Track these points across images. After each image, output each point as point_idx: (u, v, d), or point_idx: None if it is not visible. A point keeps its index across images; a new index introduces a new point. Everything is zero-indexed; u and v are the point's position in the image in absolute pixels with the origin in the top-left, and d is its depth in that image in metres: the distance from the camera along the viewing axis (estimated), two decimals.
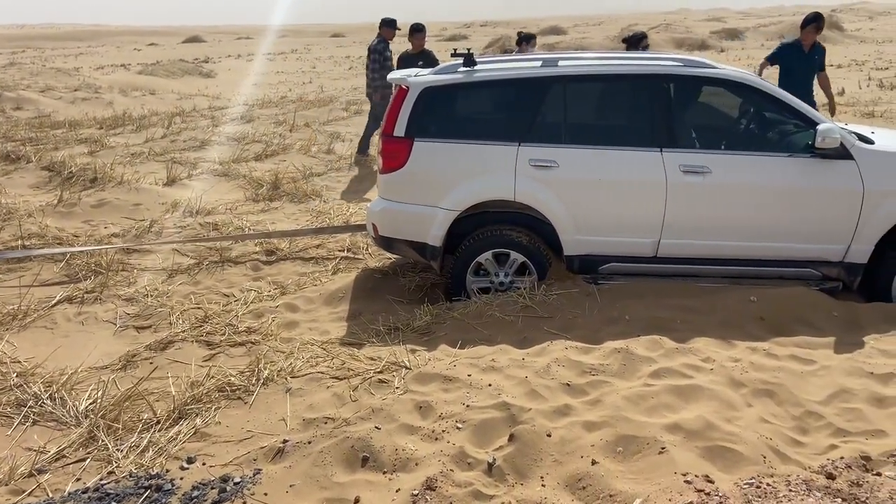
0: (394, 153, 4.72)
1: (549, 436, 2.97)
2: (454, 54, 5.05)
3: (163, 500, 2.79)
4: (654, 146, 4.53)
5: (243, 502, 2.74)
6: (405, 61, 8.20)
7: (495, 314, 4.29)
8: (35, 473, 3.02)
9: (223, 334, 4.44)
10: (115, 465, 3.03)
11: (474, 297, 4.63)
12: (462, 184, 4.64)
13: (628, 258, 4.66)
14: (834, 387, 3.39)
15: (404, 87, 4.76)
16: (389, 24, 9.03)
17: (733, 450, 2.82)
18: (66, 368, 4.00)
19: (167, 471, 2.99)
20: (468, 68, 4.79)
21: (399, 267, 5.59)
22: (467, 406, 3.25)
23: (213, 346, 4.32)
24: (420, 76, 4.84)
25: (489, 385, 3.43)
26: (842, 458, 2.81)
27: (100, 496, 2.83)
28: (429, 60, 7.86)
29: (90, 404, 3.56)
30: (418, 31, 8.68)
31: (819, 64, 7.16)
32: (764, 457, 2.80)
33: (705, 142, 4.69)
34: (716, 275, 4.64)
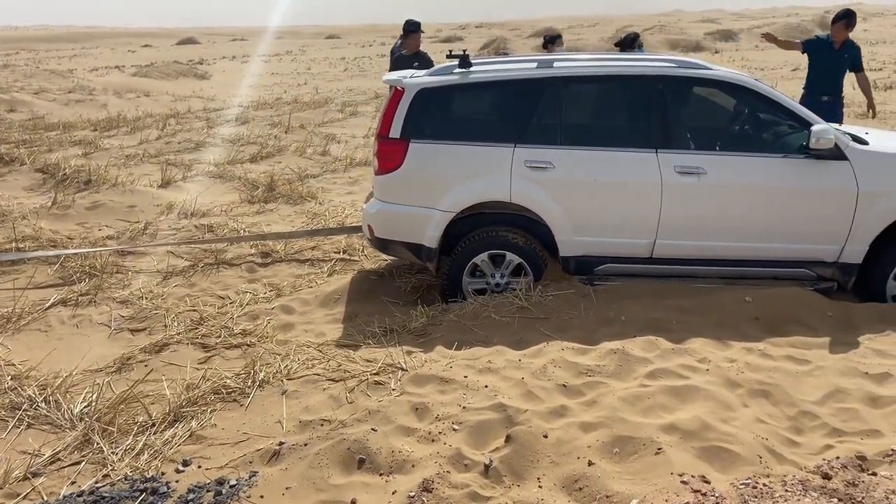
0: (389, 154, 4.72)
1: (546, 437, 2.97)
2: (450, 55, 5.05)
3: None
4: (650, 147, 4.54)
5: None
6: (400, 62, 8.18)
7: (491, 315, 4.29)
8: (30, 477, 3.01)
9: (218, 336, 4.43)
10: (111, 469, 3.02)
11: (470, 299, 4.63)
12: (458, 185, 4.64)
13: (624, 259, 4.67)
14: (829, 387, 3.40)
15: (400, 89, 4.76)
16: (414, 28, 8.92)
17: (729, 450, 2.83)
18: (61, 371, 3.98)
19: (162, 474, 2.98)
20: (463, 70, 4.79)
21: (395, 268, 5.58)
22: (464, 407, 3.25)
23: (209, 349, 4.31)
24: (415, 77, 4.84)
25: (485, 386, 3.42)
26: (837, 458, 2.82)
27: (95, 499, 2.82)
28: (424, 62, 7.84)
29: (85, 407, 3.54)
30: (413, 32, 8.66)
31: (852, 63, 6.99)
32: (760, 457, 2.81)
33: (700, 143, 4.70)
34: (711, 275, 4.66)
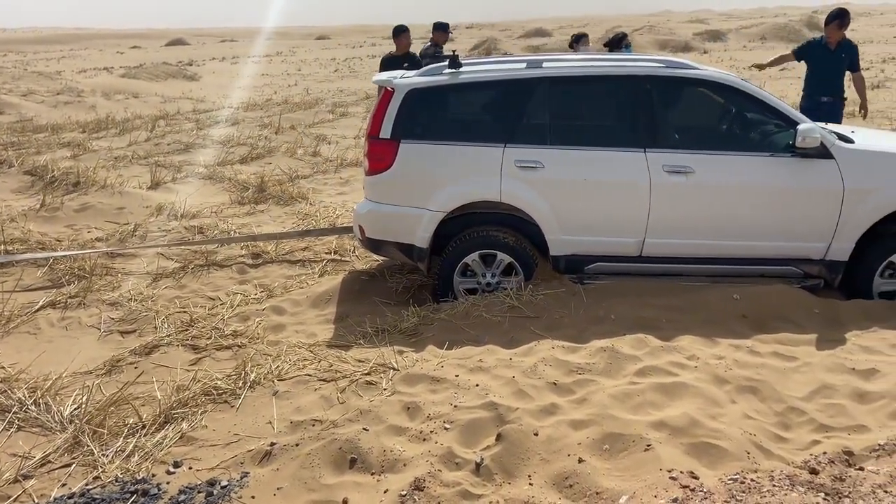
0: (380, 155, 4.73)
1: (537, 435, 2.99)
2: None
3: None
4: (638, 147, 4.57)
5: None
6: (389, 63, 8.17)
7: (482, 315, 4.30)
8: (20, 479, 3.00)
9: (209, 338, 4.42)
10: (101, 471, 3.02)
11: (461, 298, 4.65)
12: (448, 185, 4.65)
13: (613, 258, 4.70)
14: (816, 383, 3.44)
15: (389, 89, 4.77)
16: (442, 28, 8.89)
17: (717, 446, 2.86)
18: (51, 374, 3.96)
19: (153, 475, 2.98)
20: (453, 70, 4.81)
21: (386, 269, 5.59)
22: (455, 406, 3.26)
23: (199, 350, 4.30)
24: (405, 78, 4.86)
25: (476, 385, 3.44)
26: (824, 454, 2.85)
27: (85, 501, 2.81)
28: (414, 62, 7.85)
29: (75, 409, 3.53)
30: (403, 33, 8.66)
31: (849, 62, 6.96)
32: (748, 453, 2.84)
33: (688, 142, 4.72)
34: (700, 273, 4.69)
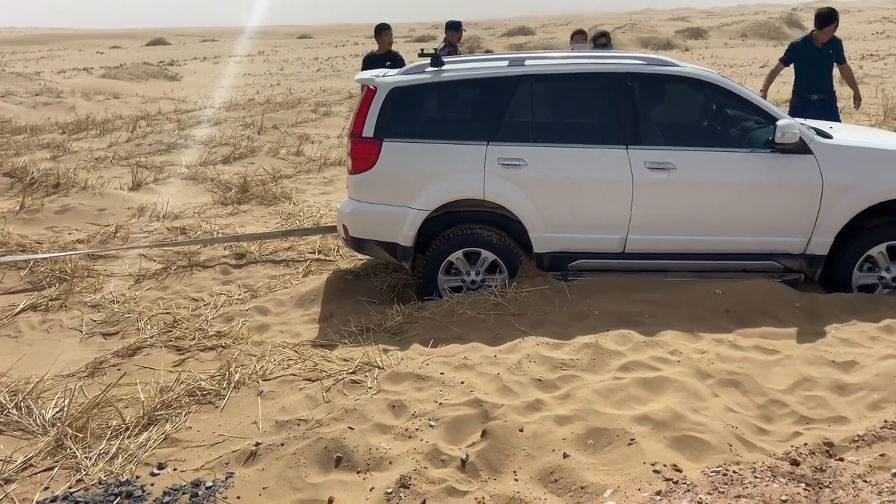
0: (363, 154, 4.73)
1: (522, 431, 3.00)
2: (421, 54, 5.06)
3: None
4: (620, 144, 4.60)
5: None
6: (372, 62, 8.14)
7: (467, 312, 4.31)
8: (2, 483, 2.96)
9: (193, 339, 4.40)
10: (84, 473, 2.99)
11: (446, 296, 4.65)
12: (432, 183, 4.66)
13: (597, 254, 4.72)
14: (797, 376, 3.48)
15: (372, 88, 4.76)
16: (454, 27, 8.83)
17: (700, 439, 2.89)
18: (32, 377, 3.92)
19: (137, 477, 2.96)
20: (436, 68, 4.81)
21: (370, 268, 5.58)
22: (440, 404, 3.27)
23: (183, 351, 4.28)
24: (388, 77, 4.85)
25: (461, 382, 3.45)
26: (805, 445, 2.89)
27: None
28: (396, 61, 7.83)
29: (57, 412, 3.50)
30: (384, 31, 8.63)
31: (837, 57, 7.00)
32: (730, 445, 2.87)
33: (669, 139, 4.76)
34: (682, 269, 4.73)
